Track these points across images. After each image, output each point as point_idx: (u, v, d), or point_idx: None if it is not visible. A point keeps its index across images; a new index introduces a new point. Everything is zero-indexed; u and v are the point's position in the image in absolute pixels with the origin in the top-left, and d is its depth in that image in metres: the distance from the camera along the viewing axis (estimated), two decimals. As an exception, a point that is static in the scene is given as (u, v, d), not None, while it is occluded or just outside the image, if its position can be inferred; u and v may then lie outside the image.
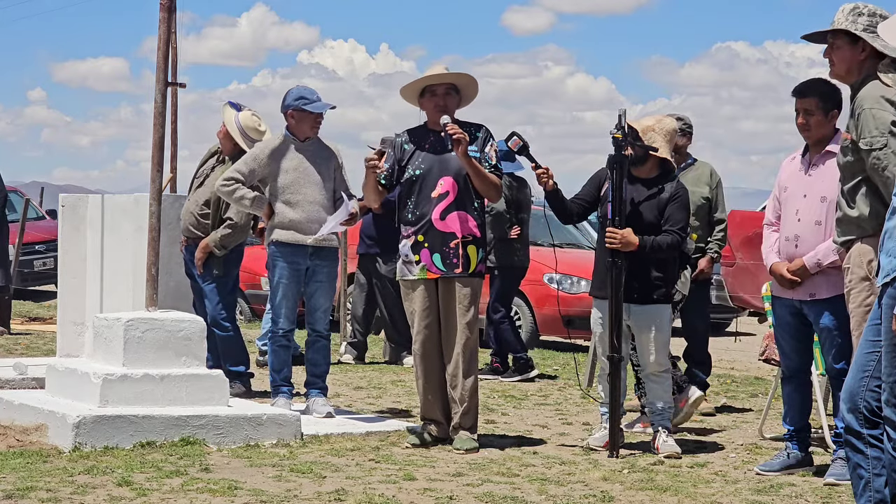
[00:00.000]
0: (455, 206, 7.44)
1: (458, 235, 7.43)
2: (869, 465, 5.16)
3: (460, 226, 7.43)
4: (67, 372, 7.61)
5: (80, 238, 9.84)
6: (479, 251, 7.48)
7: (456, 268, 7.43)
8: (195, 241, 9.16)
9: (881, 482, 5.14)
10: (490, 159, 7.50)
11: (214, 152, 9.42)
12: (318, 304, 8.45)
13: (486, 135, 7.54)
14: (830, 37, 6.25)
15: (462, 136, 7.33)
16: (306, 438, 7.48)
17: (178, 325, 7.50)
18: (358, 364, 11.71)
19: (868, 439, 5.15)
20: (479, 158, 7.45)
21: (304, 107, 8.31)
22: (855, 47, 6.17)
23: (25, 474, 6.27)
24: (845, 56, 6.20)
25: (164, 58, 7.82)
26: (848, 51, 6.18)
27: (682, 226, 7.46)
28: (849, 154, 6.07)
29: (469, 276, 7.44)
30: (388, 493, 6.08)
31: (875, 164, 5.94)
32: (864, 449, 5.17)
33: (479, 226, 7.50)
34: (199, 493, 5.96)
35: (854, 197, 6.07)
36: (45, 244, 18.74)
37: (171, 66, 9.28)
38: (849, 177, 6.12)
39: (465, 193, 7.45)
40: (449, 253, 7.42)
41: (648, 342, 7.46)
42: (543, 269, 12.52)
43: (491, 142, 7.56)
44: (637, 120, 7.62)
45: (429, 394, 7.58)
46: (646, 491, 6.32)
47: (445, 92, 7.52)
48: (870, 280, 5.86)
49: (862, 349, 5.23)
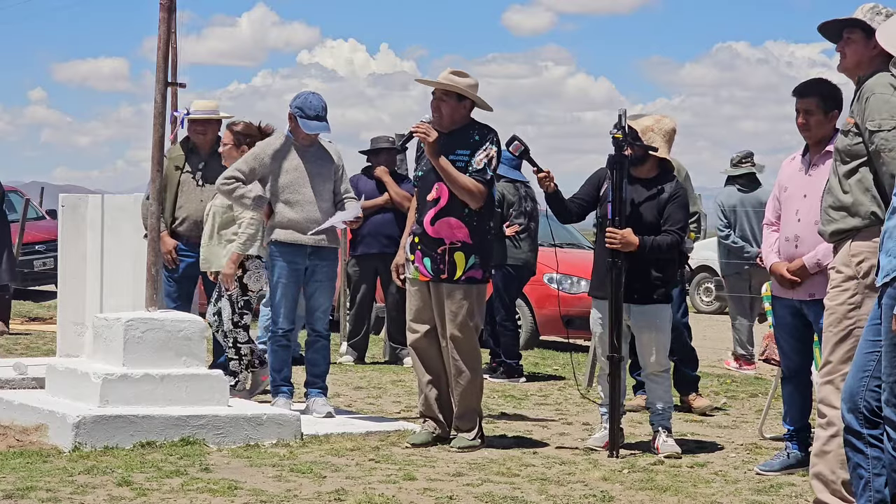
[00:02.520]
0: (445, 213, 7.42)
1: (446, 242, 7.42)
2: (869, 464, 5.17)
3: (448, 232, 7.42)
4: (67, 372, 7.61)
5: (80, 238, 9.84)
6: (468, 258, 7.42)
7: (442, 273, 7.43)
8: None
9: (881, 482, 5.15)
10: (476, 164, 7.43)
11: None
12: (318, 304, 8.45)
13: (483, 139, 7.49)
14: (846, 31, 6.24)
15: (424, 135, 7.34)
16: (306, 438, 7.48)
17: (178, 325, 7.50)
18: (358, 364, 11.72)
19: (868, 439, 5.16)
20: (468, 162, 7.42)
21: (298, 118, 8.32)
22: (868, 42, 6.17)
23: (25, 474, 6.27)
24: (858, 49, 6.19)
25: (164, 58, 7.82)
26: (862, 45, 6.17)
27: (681, 226, 7.47)
28: (850, 137, 6.04)
29: (455, 283, 7.42)
30: (388, 493, 6.08)
31: (883, 144, 5.90)
32: (864, 449, 5.17)
33: (470, 233, 7.43)
34: (199, 493, 5.96)
35: (849, 181, 6.03)
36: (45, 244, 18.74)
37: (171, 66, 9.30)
38: (847, 160, 6.08)
39: (457, 199, 7.41)
40: (437, 258, 7.43)
41: (648, 342, 7.46)
42: (543, 269, 12.52)
43: (486, 147, 7.46)
44: (635, 119, 7.62)
45: (424, 391, 7.60)
46: (646, 491, 6.32)
47: (440, 97, 7.53)
48: (856, 279, 5.84)
49: (861, 349, 5.23)
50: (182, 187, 9.23)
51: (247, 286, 8.83)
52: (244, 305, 8.85)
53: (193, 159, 9.31)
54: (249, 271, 8.81)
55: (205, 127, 9.36)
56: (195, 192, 9.28)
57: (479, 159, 7.42)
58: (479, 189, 7.40)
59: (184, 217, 9.21)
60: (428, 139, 7.36)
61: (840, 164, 6.01)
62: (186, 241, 9.23)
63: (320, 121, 8.33)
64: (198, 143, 9.36)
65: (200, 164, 9.31)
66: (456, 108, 7.50)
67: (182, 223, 9.21)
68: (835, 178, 6.03)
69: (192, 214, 9.22)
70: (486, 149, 7.46)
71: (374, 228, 11.51)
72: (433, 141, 7.35)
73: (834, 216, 6.00)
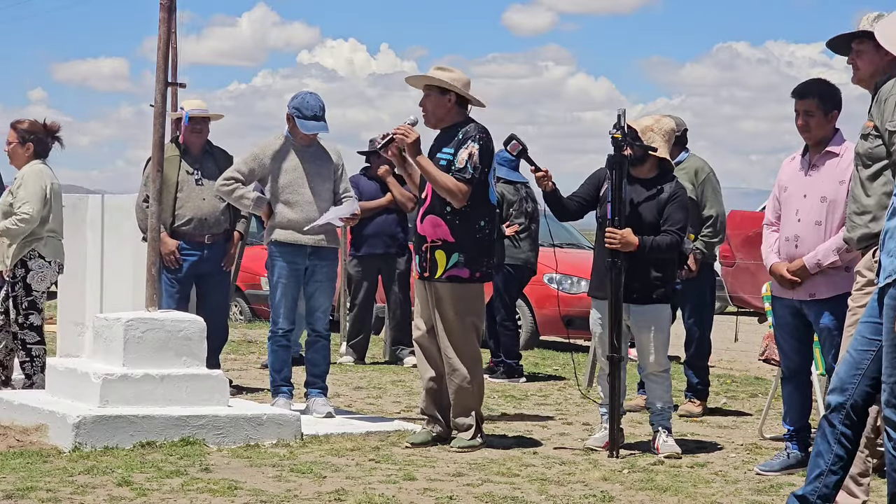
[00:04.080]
0: (430, 211, 7.45)
1: (428, 240, 7.44)
2: (830, 460, 5.20)
3: (431, 230, 7.43)
4: (67, 372, 7.61)
5: (79, 238, 9.84)
6: (449, 257, 7.41)
7: (425, 271, 7.45)
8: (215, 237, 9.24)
9: (833, 480, 5.19)
10: (458, 163, 7.39)
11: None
12: (318, 304, 8.45)
13: (465, 136, 7.43)
14: (855, 43, 6.24)
15: (402, 136, 7.36)
16: (306, 438, 7.48)
17: (178, 325, 7.50)
18: (358, 364, 11.71)
19: (839, 437, 5.17)
20: (449, 162, 7.42)
21: (296, 118, 8.32)
22: (879, 50, 6.15)
23: (25, 474, 6.27)
24: (871, 59, 6.18)
25: (164, 58, 7.82)
26: (873, 54, 6.17)
27: (681, 226, 7.46)
28: (870, 140, 6.03)
29: (437, 281, 7.42)
30: (388, 493, 6.08)
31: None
32: (832, 444, 5.19)
33: (451, 231, 7.40)
34: (199, 493, 5.96)
35: (872, 184, 6.02)
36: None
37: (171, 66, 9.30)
38: (868, 164, 6.06)
39: (439, 198, 7.43)
40: (422, 256, 7.45)
41: (648, 342, 7.46)
42: (543, 269, 12.52)
43: (467, 145, 7.41)
44: (636, 120, 7.62)
45: (424, 389, 7.61)
46: (646, 491, 6.32)
47: (425, 94, 7.54)
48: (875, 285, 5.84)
49: (858, 344, 5.20)
50: (181, 187, 9.23)
51: (31, 286, 8.70)
52: (29, 306, 8.71)
53: (188, 159, 9.31)
54: (33, 271, 8.69)
55: (202, 126, 9.37)
56: (196, 191, 9.28)
57: (461, 158, 7.40)
58: (458, 188, 7.35)
59: (189, 217, 9.19)
60: (406, 140, 7.38)
61: (862, 168, 6.00)
62: (188, 240, 9.23)
63: (318, 121, 8.33)
64: (193, 142, 9.35)
65: (196, 164, 9.31)
66: (439, 103, 7.50)
67: (188, 223, 9.20)
68: (857, 182, 6.02)
69: (196, 214, 9.22)
70: (468, 146, 7.40)
71: (377, 229, 11.52)
72: (412, 142, 7.39)
73: (858, 221, 5.99)
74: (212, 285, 9.31)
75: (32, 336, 8.74)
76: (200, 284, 9.32)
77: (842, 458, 5.18)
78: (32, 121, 8.93)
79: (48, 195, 8.73)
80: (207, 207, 9.19)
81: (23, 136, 8.82)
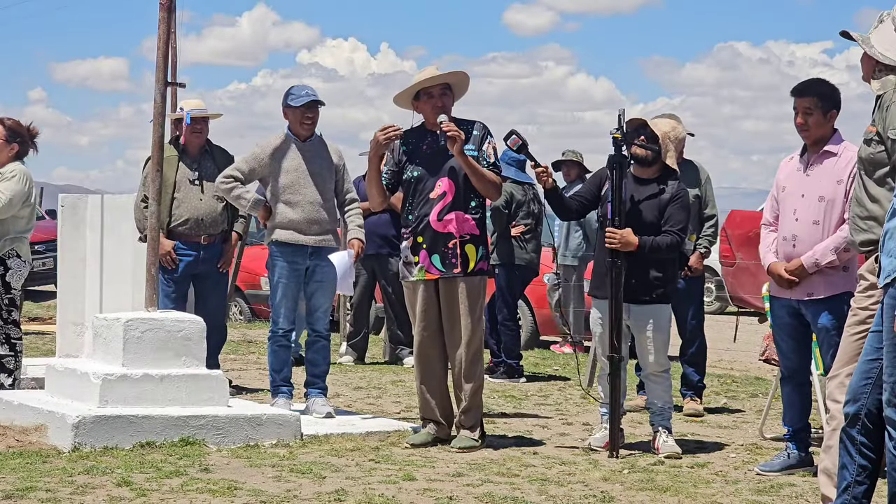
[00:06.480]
0: (452, 207, 7.44)
1: (456, 235, 7.43)
2: (854, 471, 5.24)
3: (458, 226, 7.43)
4: (67, 372, 7.60)
5: (79, 238, 9.84)
6: (478, 249, 7.48)
7: (455, 268, 7.43)
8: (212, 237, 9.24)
9: (861, 490, 5.23)
10: (488, 157, 7.49)
11: None
12: (318, 304, 8.44)
13: (483, 132, 7.53)
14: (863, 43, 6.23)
15: (457, 133, 7.33)
16: (306, 438, 7.48)
17: (178, 325, 7.49)
18: (358, 364, 11.71)
19: (860, 447, 5.22)
20: (477, 157, 7.44)
21: (289, 102, 8.35)
22: None
23: (25, 474, 6.26)
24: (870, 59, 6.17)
25: (163, 58, 7.82)
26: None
27: (682, 226, 7.46)
28: (872, 145, 6.02)
29: (469, 276, 7.45)
30: (388, 493, 6.08)
31: None
32: (854, 455, 5.23)
33: (477, 224, 7.50)
34: (199, 494, 5.95)
35: (876, 190, 6.01)
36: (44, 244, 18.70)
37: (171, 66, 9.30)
38: (871, 170, 6.05)
39: (462, 193, 7.45)
40: (448, 253, 7.43)
41: (648, 342, 7.45)
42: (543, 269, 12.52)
43: (489, 140, 7.54)
44: (653, 120, 7.58)
45: (426, 395, 7.60)
46: (646, 491, 6.31)
47: (441, 92, 7.52)
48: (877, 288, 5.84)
49: (867, 354, 5.25)
50: (179, 187, 9.22)
51: (10, 284, 8.68)
52: (9, 303, 8.70)
53: (186, 159, 9.30)
54: (11, 269, 8.66)
55: (202, 125, 9.36)
56: (193, 191, 9.27)
57: (489, 153, 7.47)
58: (499, 181, 7.58)
59: (186, 217, 9.19)
60: (461, 137, 7.37)
61: (864, 174, 6.00)
62: (185, 240, 9.22)
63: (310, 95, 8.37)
64: (193, 142, 9.34)
65: (195, 164, 9.30)
66: (451, 102, 7.57)
67: (185, 223, 9.19)
68: (860, 187, 6.02)
69: (193, 214, 9.21)
70: (490, 141, 7.54)
71: (369, 229, 11.50)
72: (463, 139, 7.39)
73: (862, 226, 5.99)
74: (209, 286, 9.30)
75: (16, 332, 8.77)
76: (198, 285, 9.31)
77: (865, 468, 5.23)
78: (17, 121, 8.90)
79: (33, 196, 8.71)
80: (204, 208, 9.19)
81: (10, 136, 8.79)
